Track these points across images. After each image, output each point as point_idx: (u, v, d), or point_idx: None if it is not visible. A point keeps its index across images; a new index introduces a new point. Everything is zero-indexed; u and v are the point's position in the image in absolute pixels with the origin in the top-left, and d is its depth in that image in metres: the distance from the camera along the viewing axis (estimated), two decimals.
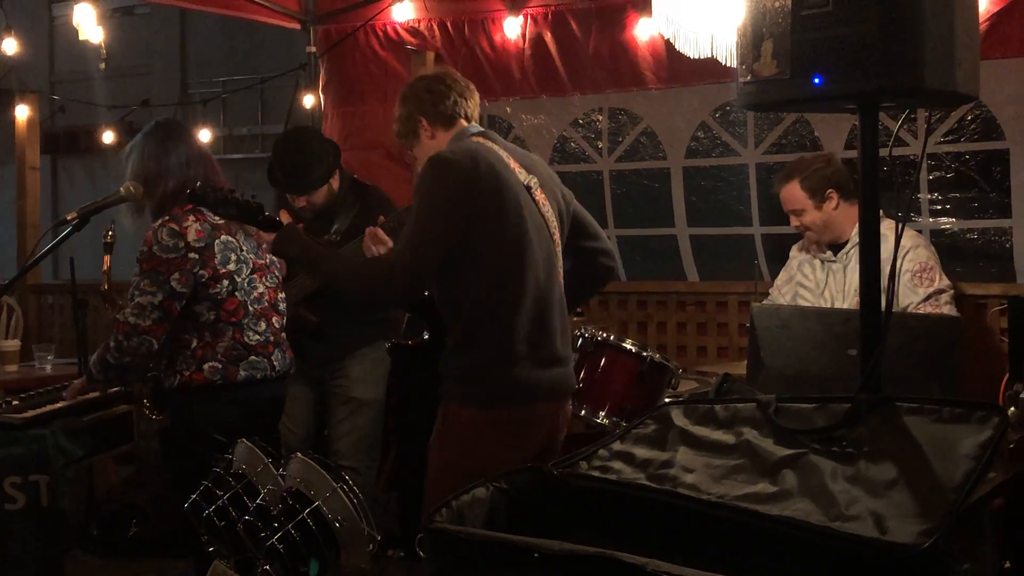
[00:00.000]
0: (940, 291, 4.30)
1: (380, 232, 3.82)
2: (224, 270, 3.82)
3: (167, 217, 3.79)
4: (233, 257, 3.86)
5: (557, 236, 3.45)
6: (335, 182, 4.99)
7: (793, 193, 4.49)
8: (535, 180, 3.40)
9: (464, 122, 3.50)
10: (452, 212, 3.20)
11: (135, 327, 3.72)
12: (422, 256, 3.18)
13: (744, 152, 5.85)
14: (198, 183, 3.61)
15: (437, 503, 2.42)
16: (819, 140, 5.59)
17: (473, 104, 3.54)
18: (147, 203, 3.89)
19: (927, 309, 4.22)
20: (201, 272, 3.76)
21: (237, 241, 3.90)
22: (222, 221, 3.84)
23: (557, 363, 3.38)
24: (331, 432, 5.10)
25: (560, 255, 3.46)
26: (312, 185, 4.89)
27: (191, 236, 3.76)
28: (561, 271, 3.46)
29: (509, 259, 3.25)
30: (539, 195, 3.39)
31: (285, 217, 3.45)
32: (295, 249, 3.36)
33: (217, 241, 3.82)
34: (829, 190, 4.42)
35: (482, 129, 3.50)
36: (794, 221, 4.58)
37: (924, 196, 5.33)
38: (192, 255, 3.75)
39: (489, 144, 3.39)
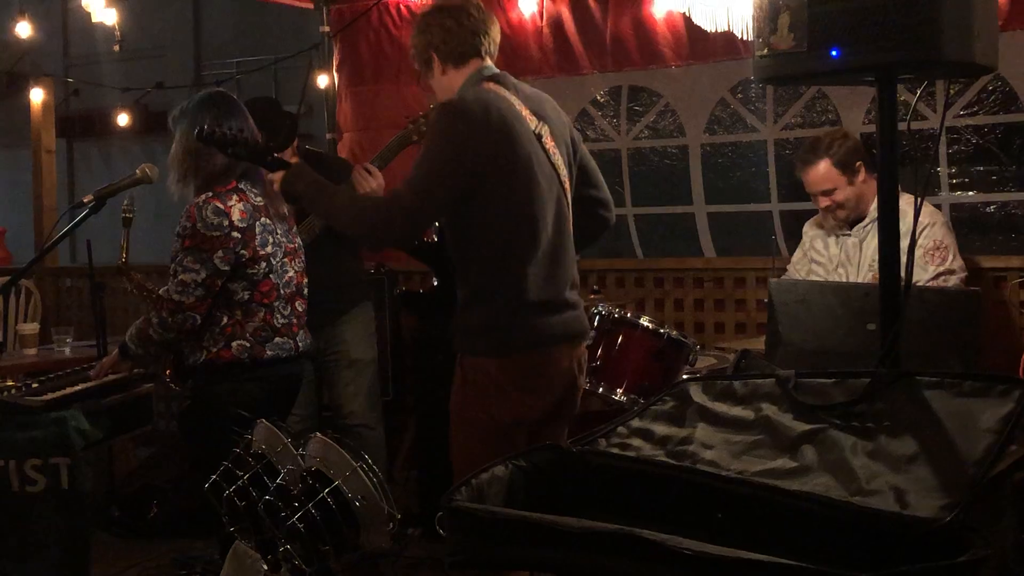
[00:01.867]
0: (950, 271, 4.27)
1: (369, 167, 3.82)
2: (263, 251, 3.82)
3: (211, 194, 3.77)
4: (271, 240, 3.86)
5: (567, 184, 3.41)
6: (293, 151, 4.99)
7: (825, 172, 4.43)
8: (545, 128, 3.35)
9: (478, 60, 3.41)
10: (458, 162, 3.17)
11: (179, 304, 3.72)
12: (423, 201, 3.16)
13: (763, 128, 5.82)
14: (206, 124, 3.59)
15: (467, 461, 2.42)
16: (839, 114, 5.55)
17: (491, 40, 3.44)
18: (190, 177, 3.86)
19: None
20: (243, 252, 3.76)
21: (274, 224, 3.89)
22: (262, 203, 3.84)
23: (568, 307, 3.36)
24: (338, 397, 5.13)
25: (570, 202, 3.43)
26: (286, 142, 4.89)
27: (235, 215, 3.74)
28: (571, 218, 3.43)
29: (520, 210, 3.23)
30: (549, 143, 3.35)
31: (294, 161, 3.44)
32: (302, 184, 3.34)
33: (258, 222, 3.82)
34: (858, 162, 4.39)
35: (496, 71, 3.41)
36: (823, 201, 4.51)
37: (944, 170, 5.30)
38: (235, 234, 3.74)
39: (501, 91, 3.32)
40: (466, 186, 3.18)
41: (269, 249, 3.85)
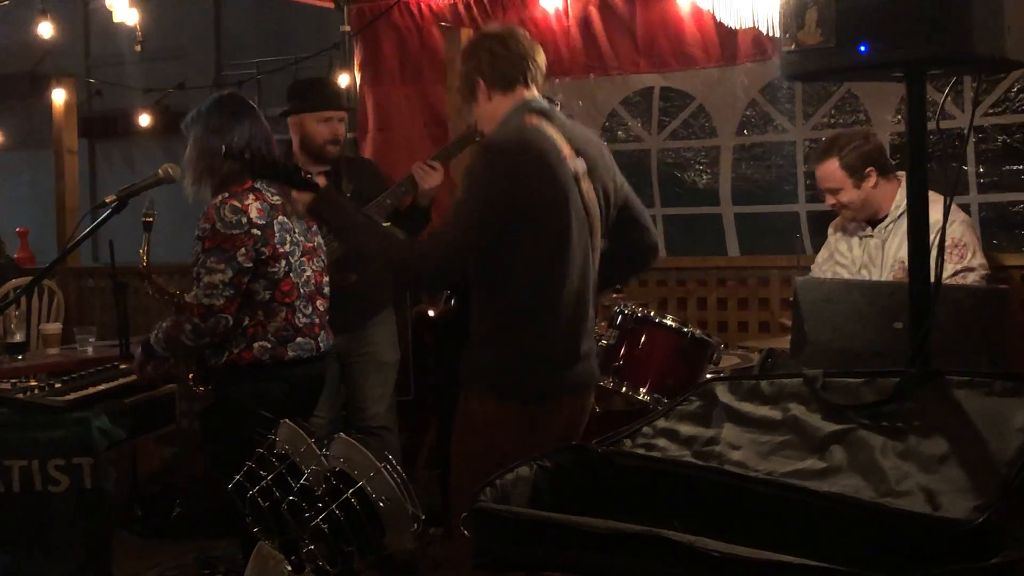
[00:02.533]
0: (969, 268, 4.23)
1: (432, 163, 3.81)
2: (282, 250, 3.81)
3: (227, 194, 3.76)
4: (288, 238, 3.85)
5: (597, 227, 3.36)
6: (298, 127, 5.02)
7: (831, 172, 4.42)
8: (583, 168, 3.29)
9: (524, 90, 3.35)
10: (495, 203, 3.15)
11: (210, 308, 3.69)
12: (459, 245, 3.15)
13: (792, 128, 5.79)
14: (235, 142, 3.59)
15: (461, 497, 2.40)
16: (868, 114, 5.52)
17: (537, 68, 3.39)
18: (206, 178, 3.85)
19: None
20: (263, 249, 3.75)
21: (291, 223, 3.88)
22: (279, 202, 3.83)
23: (581, 359, 3.34)
24: (363, 399, 5.12)
25: (598, 245, 3.39)
26: (348, 106, 4.91)
27: (253, 213, 3.74)
28: (596, 264, 3.39)
29: (549, 255, 3.20)
30: (585, 185, 3.28)
31: (321, 181, 3.41)
32: (330, 211, 3.30)
33: (276, 221, 3.81)
34: (869, 168, 4.35)
35: (543, 105, 3.35)
36: (830, 199, 4.51)
37: (971, 169, 5.25)
38: (255, 231, 3.73)
39: (544, 127, 3.26)
40: (501, 227, 3.15)
41: (288, 248, 3.84)
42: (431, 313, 4.56)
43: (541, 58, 3.41)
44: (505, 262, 3.20)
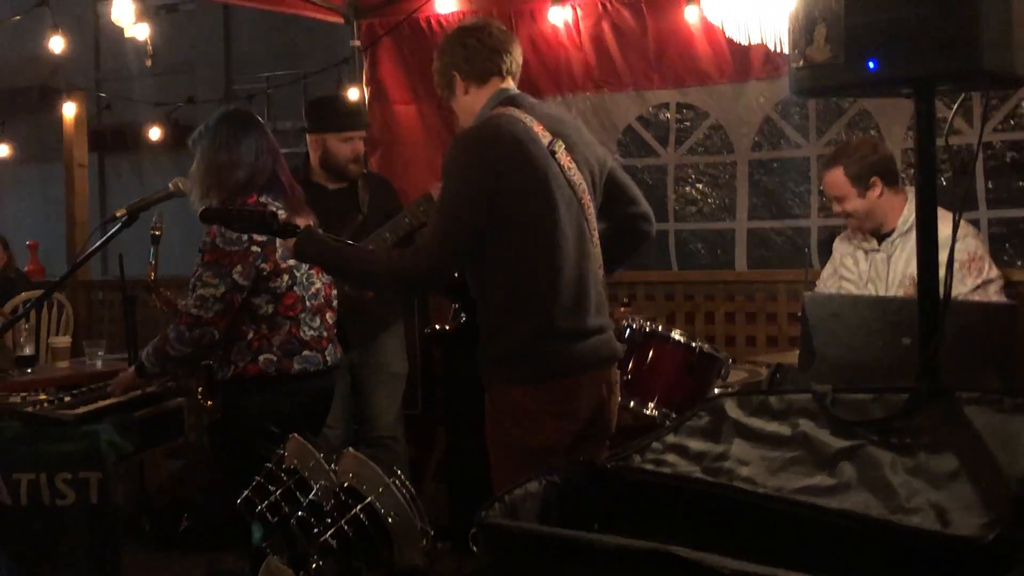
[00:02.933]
0: (989, 281, 4.23)
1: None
2: (285, 264, 3.82)
3: None
4: None
5: (587, 200, 3.36)
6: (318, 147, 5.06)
7: (837, 180, 4.42)
8: (560, 144, 3.30)
9: (500, 81, 3.42)
10: (476, 195, 3.16)
11: (198, 319, 3.73)
12: (450, 242, 3.16)
13: (806, 144, 5.80)
14: (242, 157, 3.62)
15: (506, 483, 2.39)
16: (880, 130, 5.52)
17: (512, 59, 3.44)
18: (215, 192, 3.87)
19: (975, 299, 4.16)
20: (263, 265, 3.77)
21: None
22: (284, 215, 3.84)
23: (595, 332, 3.34)
24: (373, 408, 5.15)
25: (593, 220, 3.38)
26: (367, 124, 4.95)
27: None
28: (595, 237, 3.39)
29: (539, 236, 3.21)
30: (564, 159, 3.29)
31: (301, 223, 3.42)
32: (315, 252, 3.29)
33: None
34: (874, 178, 4.35)
35: (514, 93, 3.41)
36: (836, 207, 4.52)
37: (980, 185, 5.25)
38: (255, 248, 3.75)
39: (515, 112, 3.30)
40: (485, 215, 3.16)
41: (292, 262, 3.84)
42: (447, 328, 4.56)
43: (517, 50, 3.47)
44: (496, 252, 3.21)
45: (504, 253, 3.21)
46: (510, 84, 3.45)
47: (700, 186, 6.20)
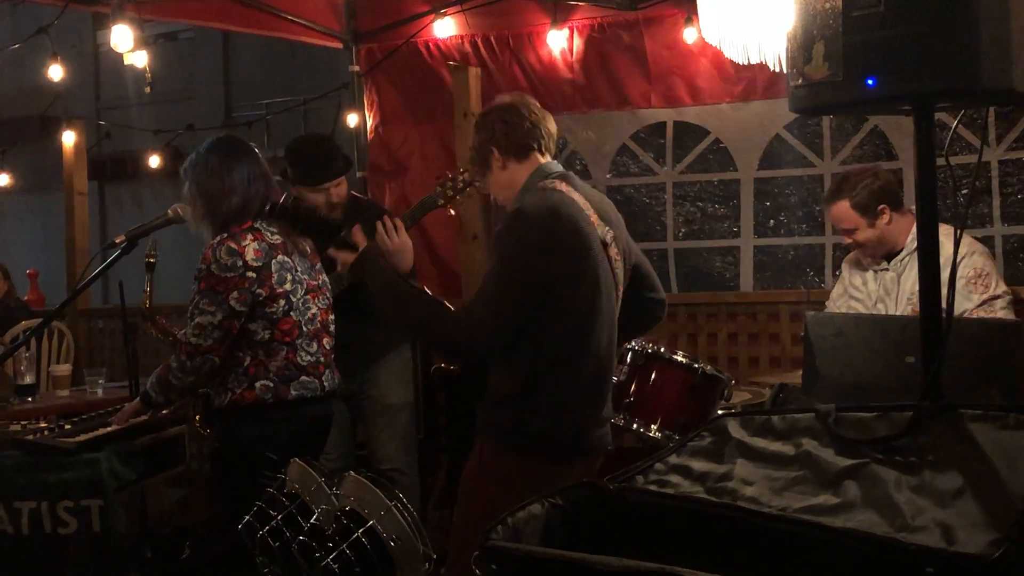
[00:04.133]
0: (995, 297, 4.23)
1: (397, 222, 3.67)
2: (281, 290, 3.81)
3: (225, 235, 3.78)
4: (289, 277, 3.85)
5: (620, 291, 3.41)
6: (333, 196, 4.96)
7: (844, 213, 4.41)
8: (611, 234, 3.33)
9: (539, 156, 3.38)
10: (532, 273, 3.15)
11: (197, 347, 3.73)
12: (501, 317, 3.14)
13: (820, 163, 5.81)
14: (284, 196, 3.60)
15: (461, 539, 2.38)
16: (894, 149, 5.53)
17: (549, 135, 3.42)
18: (207, 220, 3.87)
19: (981, 315, 4.15)
20: (259, 291, 3.76)
21: (292, 261, 3.89)
22: (279, 240, 3.84)
23: (602, 423, 3.37)
24: (372, 441, 5.13)
25: (618, 311, 3.41)
26: (343, 169, 4.88)
27: (249, 255, 3.75)
28: (617, 326, 3.41)
29: (581, 319, 3.21)
30: (614, 252, 3.33)
31: (361, 241, 3.39)
32: (372, 274, 3.29)
33: (274, 260, 3.82)
34: (881, 206, 4.34)
35: (561, 171, 3.38)
36: (846, 238, 4.51)
37: (995, 202, 5.26)
38: (250, 274, 3.75)
39: (570, 194, 3.28)
40: (537, 296, 3.16)
41: (288, 287, 3.84)
42: (452, 368, 4.56)
43: (552, 126, 3.45)
44: (535, 327, 3.19)
45: (543, 327, 3.19)
46: (548, 160, 3.42)
47: (700, 204, 6.21)
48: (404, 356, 5.24)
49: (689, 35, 5.78)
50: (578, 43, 6.22)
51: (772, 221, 6.03)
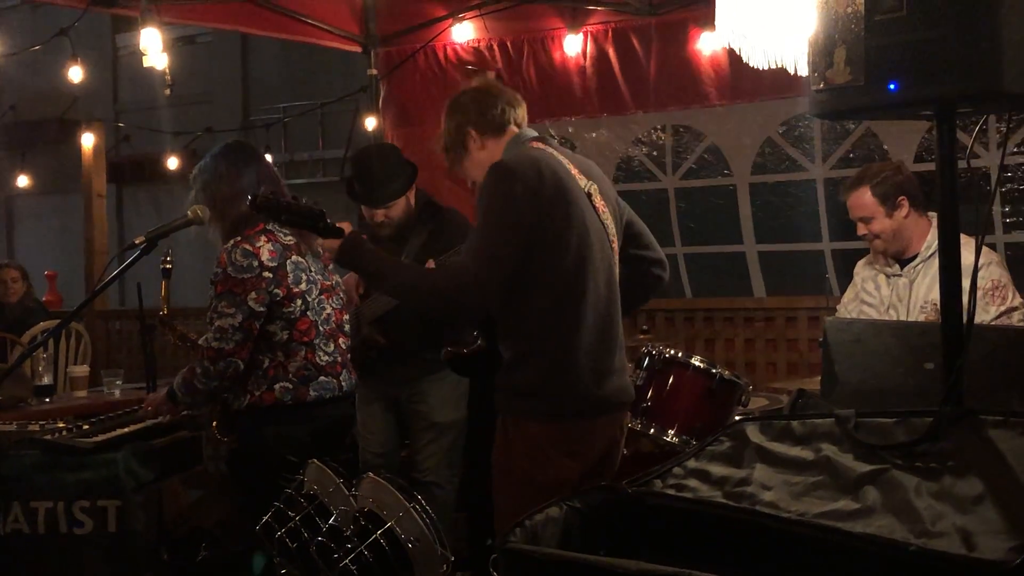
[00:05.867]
0: (1012, 308, 4.20)
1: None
2: (297, 289, 3.83)
3: (239, 238, 3.80)
4: (304, 277, 3.87)
5: (615, 244, 3.38)
6: (411, 199, 4.91)
7: (863, 199, 4.39)
8: (595, 187, 3.32)
9: (515, 128, 3.41)
10: (518, 225, 3.13)
11: (220, 351, 3.73)
12: (491, 272, 3.11)
13: (812, 167, 5.79)
14: (262, 189, 3.59)
15: (508, 517, 2.38)
16: (888, 153, 5.50)
17: (522, 112, 3.45)
18: (218, 225, 3.88)
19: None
20: (276, 291, 3.77)
21: (306, 262, 3.91)
22: (292, 242, 3.85)
23: (615, 373, 3.32)
24: (416, 452, 5.06)
25: (617, 264, 3.39)
26: (392, 195, 4.77)
27: (264, 256, 3.77)
28: (618, 280, 3.39)
29: (573, 271, 3.19)
30: (599, 202, 3.32)
31: (347, 227, 3.38)
32: (358, 258, 3.28)
33: (289, 261, 3.83)
34: (901, 197, 4.32)
35: (537, 134, 3.40)
36: (861, 229, 4.48)
37: (997, 209, 5.23)
38: (267, 274, 3.76)
39: (549, 150, 3.31)
40: (527, 245, 3.14)
41: (303, 287, 3.86)
42: (464, 351, 4.48)
43: (523, 106, 3.47)
44: (528, 282, 3.17)
45: (535, 283, 3.18)
46: (526, 129, 3.44)
47: (701, 210, 6.22)
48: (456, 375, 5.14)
49: (701, 41, 5.76)
50: (591, 48, 6.22)
51: (771, 226, 6.02)
